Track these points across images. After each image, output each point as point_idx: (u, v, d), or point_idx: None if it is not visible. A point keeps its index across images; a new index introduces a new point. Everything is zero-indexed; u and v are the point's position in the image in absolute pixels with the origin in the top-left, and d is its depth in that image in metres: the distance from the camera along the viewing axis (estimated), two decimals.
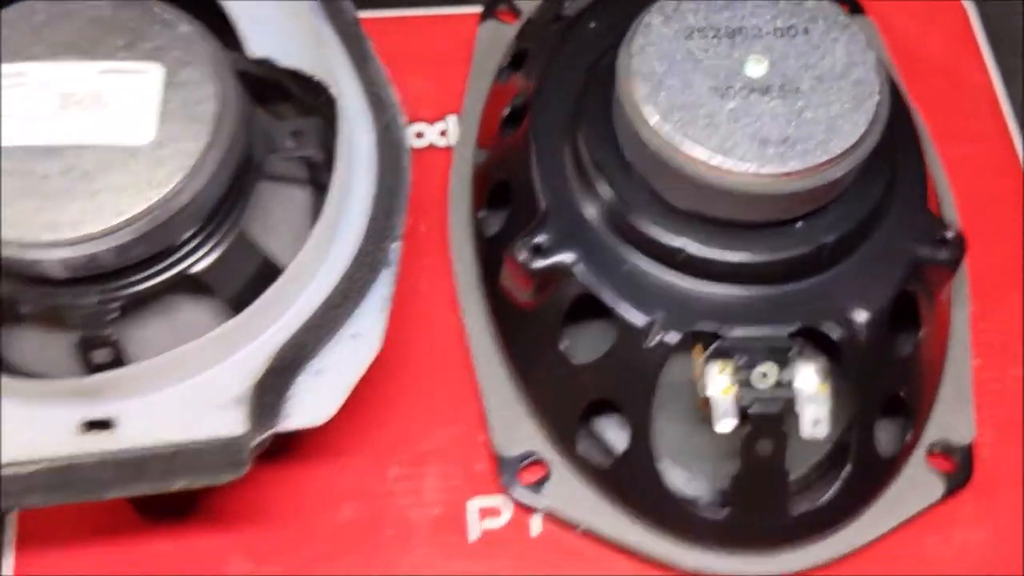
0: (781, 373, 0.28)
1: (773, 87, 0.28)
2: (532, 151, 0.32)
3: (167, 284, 0.30)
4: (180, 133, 0.29)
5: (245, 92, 0.31)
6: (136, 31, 0.30)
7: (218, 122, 0.29)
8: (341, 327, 0.29)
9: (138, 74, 0.29)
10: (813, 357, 0.29)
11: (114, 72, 0.29)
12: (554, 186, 0.31)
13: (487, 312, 0.34)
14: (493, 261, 0.34)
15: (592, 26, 0.34)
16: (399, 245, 0.31)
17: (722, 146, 0.27)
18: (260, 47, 0.31)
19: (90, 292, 0.29)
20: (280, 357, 0.29)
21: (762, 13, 0.29)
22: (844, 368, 0.29)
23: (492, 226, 0.34)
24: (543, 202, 0.31)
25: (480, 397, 0.33)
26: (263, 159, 0.32)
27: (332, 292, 0.30)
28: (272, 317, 0.29)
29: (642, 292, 0.30)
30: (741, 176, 0.27)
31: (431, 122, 0.39)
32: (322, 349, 0.29)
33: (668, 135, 0.27)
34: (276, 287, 0.29)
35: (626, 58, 0.29)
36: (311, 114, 0.33)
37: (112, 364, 0.29)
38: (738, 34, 0.28)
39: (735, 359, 0.29)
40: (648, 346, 0.29)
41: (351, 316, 0.30)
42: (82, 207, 0.28)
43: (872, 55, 0.28)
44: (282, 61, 0.31)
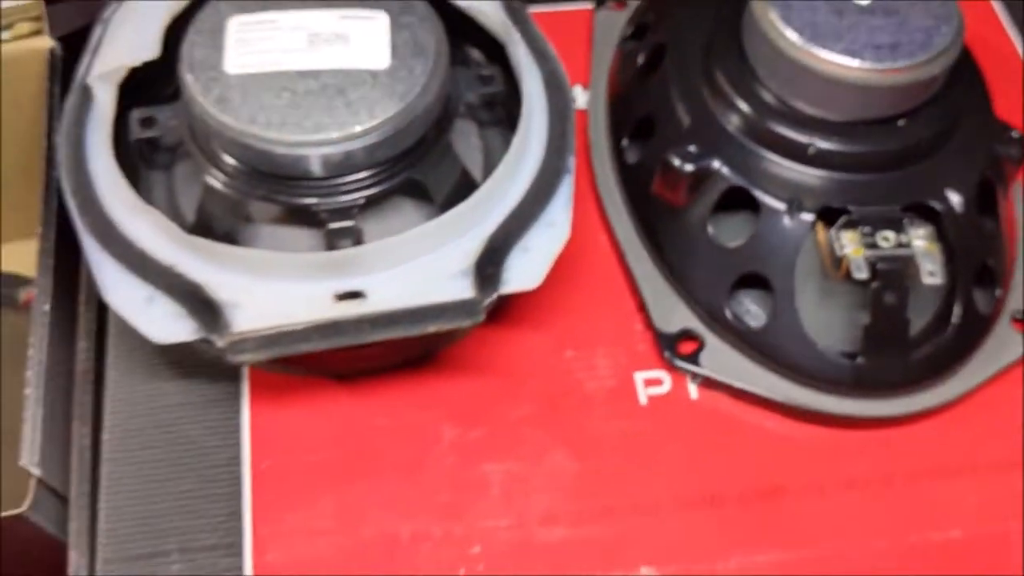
0: (898, 237, 0.36)
1: (877, 9, 0.36)
2: (673, 84, 0.39)
3: (397, 185, 0.36)
4: (409, 62, 0.36)
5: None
6: None
7: (436, 55, 0.36)
8: (539, 217, 0.36)
9: (370, 19, 0.37)
10: (922, 224, 0.36)
11: (350, 18, 0.37)
12: (694, 108, 0.39)
13: (632, 222, 0.41)
14: (636, 181, 0.41)
15: None
16: (574, 159, 0.38)
17: (847, 49, 0.35)
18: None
19: (340, 189, 0.36)
20: (494, 238, 0.35)
21: None
22: (946, 236, 0.36)
23: (633, 155, 0.42)
24: (687, 121, 0.38)
25: (636, 290, 0.40)
26: (459, 95, 0.39)
27: (528, 190, 0.36)
28: (486, 209, 0.35)
29: (780, 183, 0.37)
30: (864, 72, 0.34)
31: None
32: (526, 234, 0.35)
33: (804, 45, 0.35)
34: (487, 186, 0.35)
35: None
36: (491, 62, 0.40)
37: None
38: None
39: (860, 229, 0.36)
40: (789, 224, 0.36)
41: (544, 209, 0.36)
42: (340, 114, 0.34)
43: None
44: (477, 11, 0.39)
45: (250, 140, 0.34)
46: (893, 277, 0.35)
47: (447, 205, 0.36)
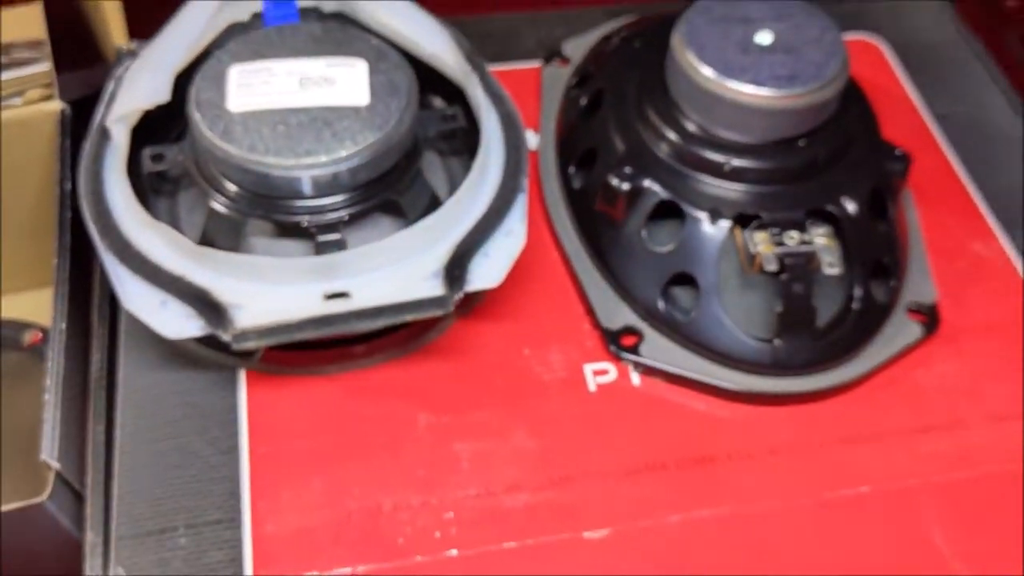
0: (802, 236, 0.42)
1: (777, 48, 0.43)
2: (611, 120, 0.46)
3: (376, 204, 0.42)
4: (386, 99, 0.42)
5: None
6: (342, 42, 0.44)
7: (408, 93, 0.43)
8: (498, 228, 0.42)
9: (351, 66, 0.43)
10: (822, 225, 0.43)
11: (335, 65, 0.43)
12: (629, 138, 0.45)
13: (578, 236, 0.47)
14: (581, 203, 0.47)
15: (636, 45, 0.49)
16: (527, 180, 0.44)
17: (753, 80, 0.41)
18: (427, 49, 0.45)
19: (327, 208, 0.41)
20: (460, 245, 0.41)
21: (762, 7, 0.44)
22: (843, 236, 0.43)
23: (578, 181, 0.48)
24: (623, 149, 0.45)
25: (583, 294, 0.46)
26: (425, 131, 0.45)
27: (490, 205, 0.42)
28: (453, 221, 0.41)
29: (702, 196, 0.43)
30: (767, 99, 0.41)
31: None
32: (487, 241, 0.41)
33: (717, 79, 0.42)
34: (453, 201, 0.41)
35: (680, 39, 0.43)
36: (453, 103, 0.47)
37: None
38: (749, 20, 0.44)
39: (770, 230, 0.42)
40: (710, 230, 0.43)
41: (503, 221, 0.42)
42: (327, 142, 0.41)
43: (836, 29, 0.44)
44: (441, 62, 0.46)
45: (250, 165, 0.40)
46: (799, 269, 0.41)
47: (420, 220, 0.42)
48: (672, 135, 0.44)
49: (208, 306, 0.39)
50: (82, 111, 0.56)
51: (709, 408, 0.43)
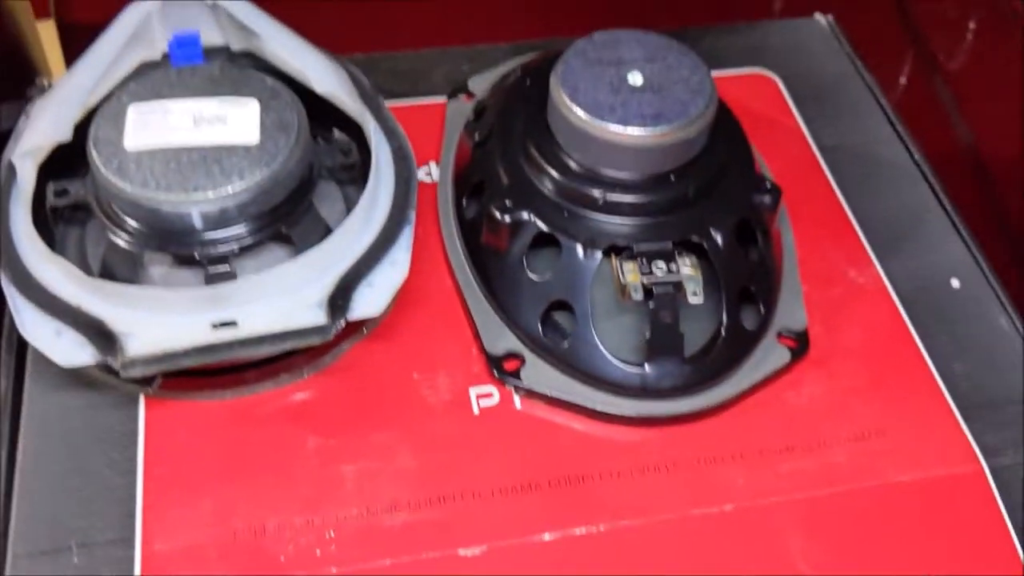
0: (669, 267, 0.44)
1: (647, 88, 0.45)
2: (498, 155, 0.48)
3: (267, 236, 0.44)
4: (275, 136, 0.44)
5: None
6: (238, 82, 0.46)
7: (298, 131, 0.45)
8: (383, 259, 0.44)
9: (244, 105, 0.45)
10: (688, 256, 0.45)
11: (228, 104, 0.45)
12: (512, 172, 0.48)
13: (469, 265, 0.49)
14: (472, 231, 0.49)
15: (527, 83, 0.52)
16: (414, 213, 0.46)
17: (621, 120, 0.44)
18: (322, 87, 0.47)
19: (217, 240, 0.43)
20: (345, 276, 0.43)
21: (636, 49, 0.47)
22: (712, 266, 0.45)
23: (470, 212, 0.50)
24: (507, 182, 0.47)
25: (471, 320, 0.48)
26: (322, 162, 0.48)
27: (376, 237, 0.44)
28: (339, 252, 0.43)
29: (577, 227, 0.45)
30: (633, 137, 0.44)
31: (420, 166, 0.55)
32: (371, 272, 0.44)
33: (588, 118, 0.44)
34: (339, 233, 0.44)
35: (556, 80, 0.46)
36: (351, 138, 0.49)
37: None
38: (622, 62, 0.46)
39: (639, 261, 0.45)
40: (584, 260, 0.45)
41: (388, 252, 0.44)
42: (216, 178, 0.43)
43: (705, 68, 0.46)
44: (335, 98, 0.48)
45: (143, 201, 0.42)
46: (665, 298, 0.44)
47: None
48: (552, 170, 0.46)
49: (101, 335, 0.41)
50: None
51: (585, 430, 0.45)
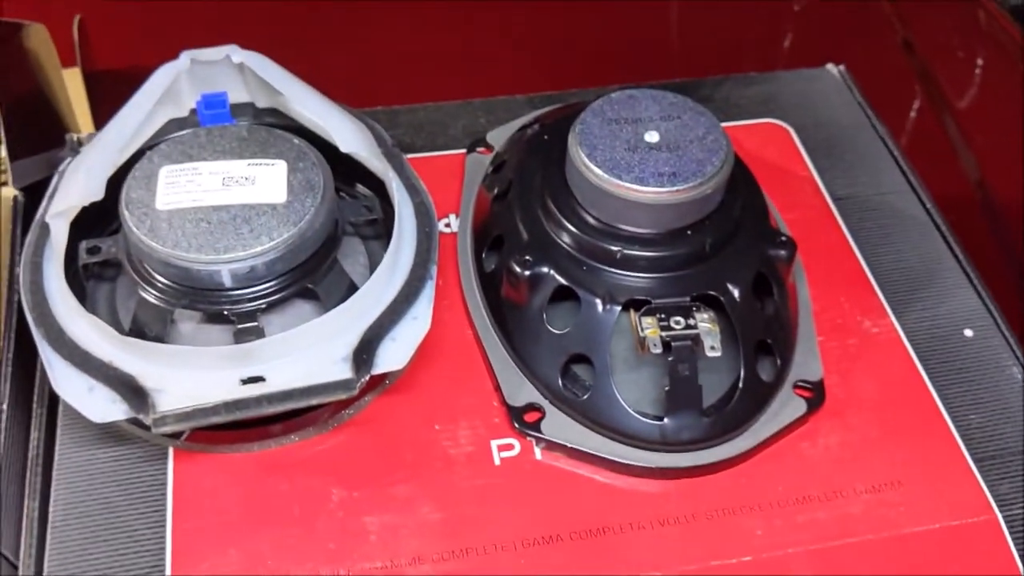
0: (687, 321, 0.45)
1: (663, 146, 0.46)
2: (517, 209, 0.50)
3: (293, 293, 0.45)
4: (301, 197, 0.46)
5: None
6: (265, 143, 0.48)
7: (324, 191, 0.46)
8: (406, 314, 0.45)
9: (272, 165, 0.47)
10: (706, 310, 0.46)
11: (256, 165, 0.47)
12: (532, 227, 0.49)
13: (489, 317, 0.50)
14: (491, 284, 0.50)
15: (545, 137, 0.53)
16: (435, 268, 0.48)
17: (637, 178, 0.45)
18: (346, 146, 0.49)
19: (245, 297, 0.45)
20: (369, 331, 0.44)
21: (652, 107, 0.48)
22: (729, 320, 0.46)
23: (489, 265, 0.51)
24: (526, 237, 0.49)
25: (491, 372, 0.49)
26: (346, 218, 0.49)
27: (397, 294, 0.46)
28: (363, 308, 0.45)
29: (596, 282, 0.46)
30: (650, 195, 0.45)
31: (440, 218, 0.56)
32: (394, 326, 0.45)
33: (606, 176, 0.45)
34: (364, 290, 0.45)
35: (574, 139, 0.47)
36: (374, 192, 0.51)
37: None
38: (638, 120, 0.47)
39: (658, 316, 0.45)
40: (603, 314, 0.46)
41: (411, 307, 0.45)
42: (245, 238, 0.44)
43: (719, 128, 0.47)
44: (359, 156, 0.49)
45: (174, 260, 0.44)
46: (683, 351, 0.45)
47: (336, 306, 0.46)
48: (570, 225, 0.47)
49: (132, 391, 0.42)
50: (39, 194, 0.60)
51: (605, 481, 0.46)
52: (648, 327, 0.45)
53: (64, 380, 0.43)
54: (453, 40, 0.84)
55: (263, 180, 0.46)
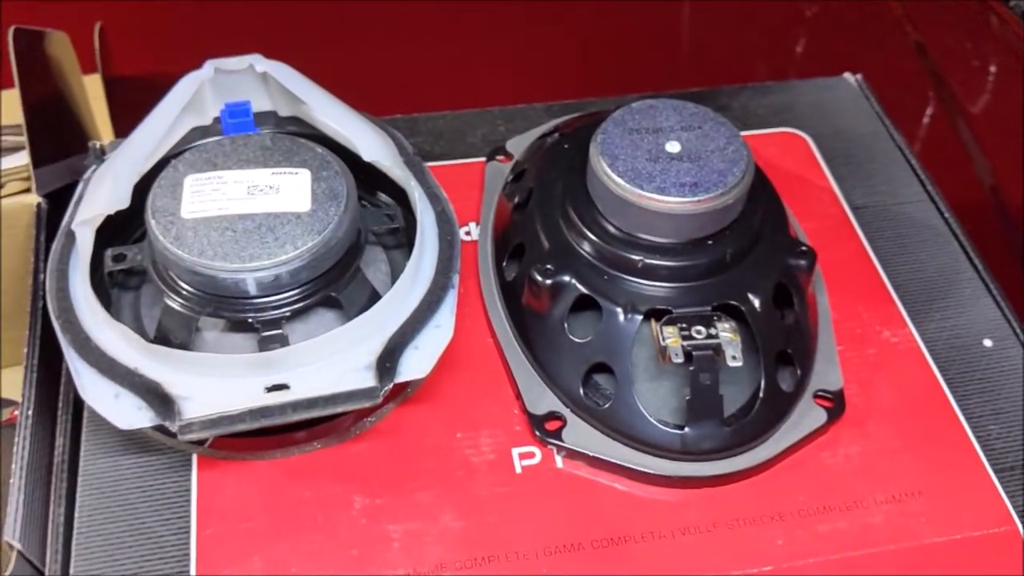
0: (709, 330, 0.46)
1: (684, 156, 0.47)
2: (538, 218, 0.50)
3: (317, 301, 0.46)
4: (325, 205, 0.46)
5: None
6: (289, 152, 0.48)
7: (347, 199, 0.47)
8: (428, 322, 0.45)
9: (295, 174, 0.47)
10: (727, 320, 0.46)
11: (280, 174, 0.47)
12: (553, 236, 0.49)
13: (510, 325, 0.50)
14: (512, 292, 0.51)
15: (565, 147, 0.53)
16: (457, 276, 0.48)
17: (659, 188, 0.45)
18: (369, 155, 0.49)
19: (270, 305, 0.45)
20: (392, 339, 0.44)
21: (672, 117, 0.48)
22: (750, 329, 0.46)
23: (510, 273, 0.52)
24: (547, 245, 0.49)
25: (513, 380, 0.49)
26: (368, 227, 0.49)
27: (420, 302, 0.46)
28: (386, 316, 0.45)
29: (617, 291, 0.47)
30: (671, 205, 0.45)
31: (460, 227, 0.56)
32: (417, 335, 0.45)
33: (628, 186, 0.46)
34: (387, 298, 0.45)
35: (595, 148, 0.47)
36: (395, 200, 0.51)
37: None
38: (659, 130, 0.48)
39: (679, 325, 0.46)
40: (624, 323, 0.46)
41: (433, 315, 0.46)
42: (270, 247, 0.44)
43: (740, 138, 0.48)
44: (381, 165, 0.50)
45: (200, 268, 0.44)
46: (704, 361, 0.45)
47: (359, 314, 0.46)
48: (591, 234, 0.48)
49: (158, 398, 0.42)
50: (61, 200, 0.60)
51: (626, 490, 0.46)
52: (669, 336, 0.45)
53: (91, 387, 0.43)
54: (471, 48, 0.85)
55: (287, 189, 0.46)
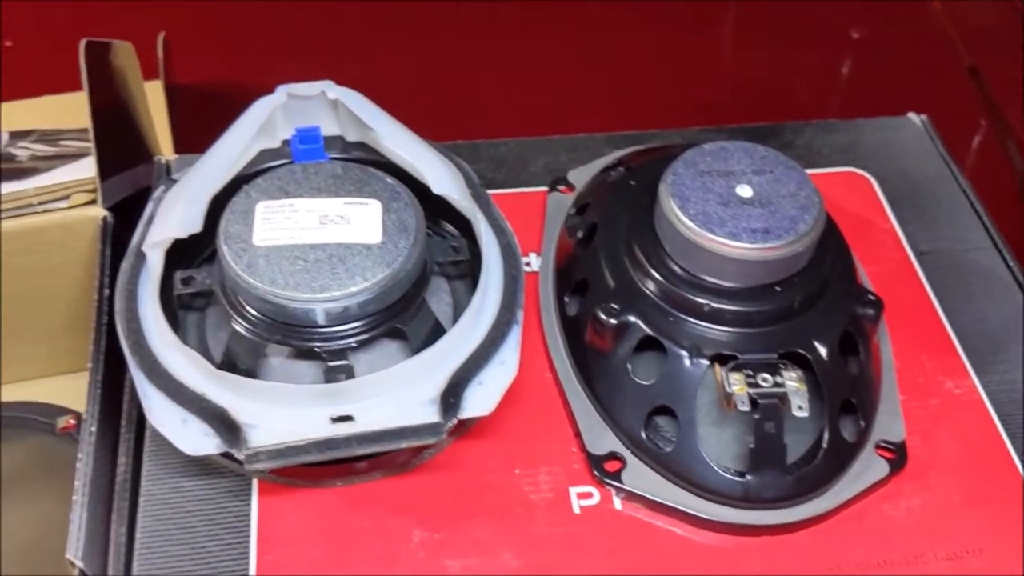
0: (775, 378, 0.45)
1: (755, 201, 0.46)
2: (602, 255, 0.50)
3: (383, 332, 0.46)
4: (395, 238, 0.46)
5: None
6: (360, 181, 0.49)
7: (416, 232, 0.47)
8: (493, 358, 0.46)
9: (366, 205, 0.47)
10: (794, 369, 0.46)
11: (352, 204, 0.47)
12: (618, 274, 0.49)
13: (571, 362, 0.50)
14: (574, 330, 0.51)
15: (631, 183, 0.53)
16: (522, 312, 0.48)
17: (730, 233, 0.45)
18: (438, 188, 0.49)
19: (337, 335, 0.45)
20: (456, 375, 0.44)
21: (744, 160, 0.48)
22: (815, 378, 0.46)
23: (572, 308, 0.52)
24: (612, 284, 0.49)
25: (572, 419, 0.49)
26: (434, 258, 0.49)
27: (484, 337, 0.46)
28: (451, 351, 0.45)
29: (683, 334, 0.46)
30: (742, 250, 0.45)
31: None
32: (481, 371, 0.45)
33: (698, 229, 0.45)
34: (452, 333, 0.45)
35: (665, 189, 0.47)
36: (458, 227, 0.51)
37: None
38: (730, 173, 0.48)
39: (745, 371, 0.45)
40: (690, 367, 0.46)
41: (498, 351, 0.46)
42: (340, 278, 0.45)
43: (811, 184, 0.47)
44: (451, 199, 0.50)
45: (270, 297, 0.44)
46: (770, 410, 0.44)
47: (422, 346, 0.46)
48: (657, 275, 0.47)
49: (225, 425, 0.43)
50: (123, 212, 0.61)
51: (685, 535, 0.46)
52: (735, 383, 0.45)
53: (159, 411, 0.43)
54: (535, 76, 0.85)
55: (358, 219, 0.47)
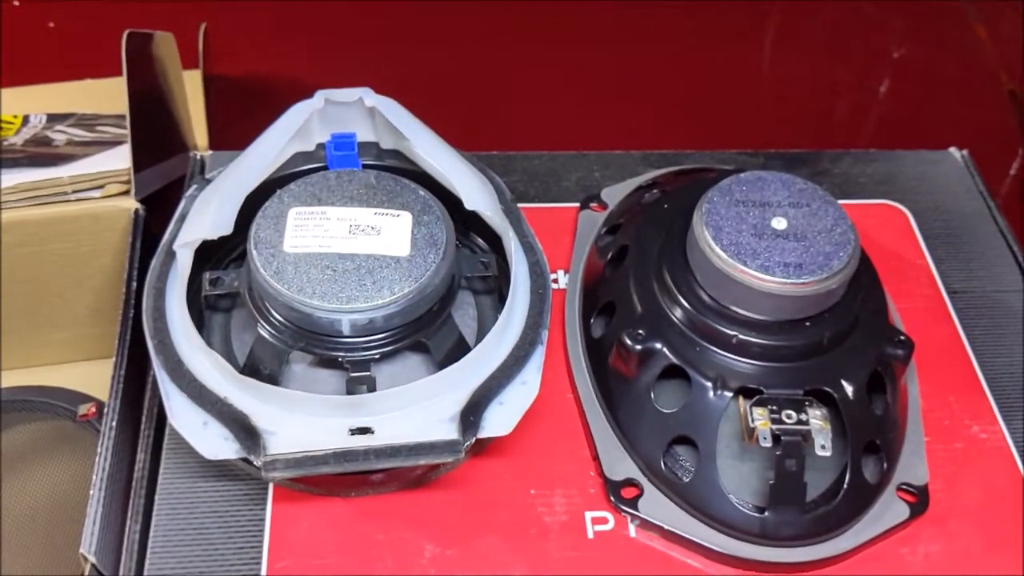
0: (799, 415, 0.45)
1: (790, 235, 0.46)
2: (631, 278, 0.50)
3: (407, 345, 0.46)
4: (424, 251, 0.46)
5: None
6: (392, 192, 0.48)
7: (445, 247, 0.47)
8: (514, 378, 0.45)
9: (397, 217, 0.47)
10: (819, 407, 0.45)
11: (382, 215, 0.47)
12: (646, 299, 0.48)
13: (593, 385, 0.50)
14: (598, 352, 0.50)
15: (664, 207, 0.53)
16: (546, 332, 0.48)
17: (762, 266, 0.45)
18: (471, 203, 0.49)
19: (361, 346, 0.45)
20: (477, 393, 0.44)
21: (780, 192, 0.47)
22: (840, 417, 0.45)
23: (597, 330, 0.51)
24: (640, 309, 0.48)
25: (591, 442, 0.49)
26: (462, 272, 0.49)
27: (507, 356, 0.46)
28: (473, 369, 0.45)
29: (708, 364, 0.46)
30: (774, 284, 0.44)
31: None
32: (503, 390, 0.45)
33: (730, 260, 0.45)
34: (476, 352, 0.45)
35: (699, 217, 0.47)
36: (487, 241, 0.51)
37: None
38: (766, 204, 0.47)
39: (769, 406, 0.45)
40: (713, 398, 0.46)
41: (520, 371, 0.45)
42: (368, 290, 0.44)
43: (848, 220, 0.47)
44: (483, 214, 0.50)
45: (297, 305, 0.44)
46: (792, 447, 0.44)
47: (445, 360, 0.46)
48: (686, 303, 0.47)
49: (244, 430, 0.43)
50: (154, 202, 0.61)
51: (700, 568, 0.46)
52: (759, 419, 0.44)
53: (180, 412, 0.43)
54: (571, 91, 0.85)
55: (388, 231, 0.47)
